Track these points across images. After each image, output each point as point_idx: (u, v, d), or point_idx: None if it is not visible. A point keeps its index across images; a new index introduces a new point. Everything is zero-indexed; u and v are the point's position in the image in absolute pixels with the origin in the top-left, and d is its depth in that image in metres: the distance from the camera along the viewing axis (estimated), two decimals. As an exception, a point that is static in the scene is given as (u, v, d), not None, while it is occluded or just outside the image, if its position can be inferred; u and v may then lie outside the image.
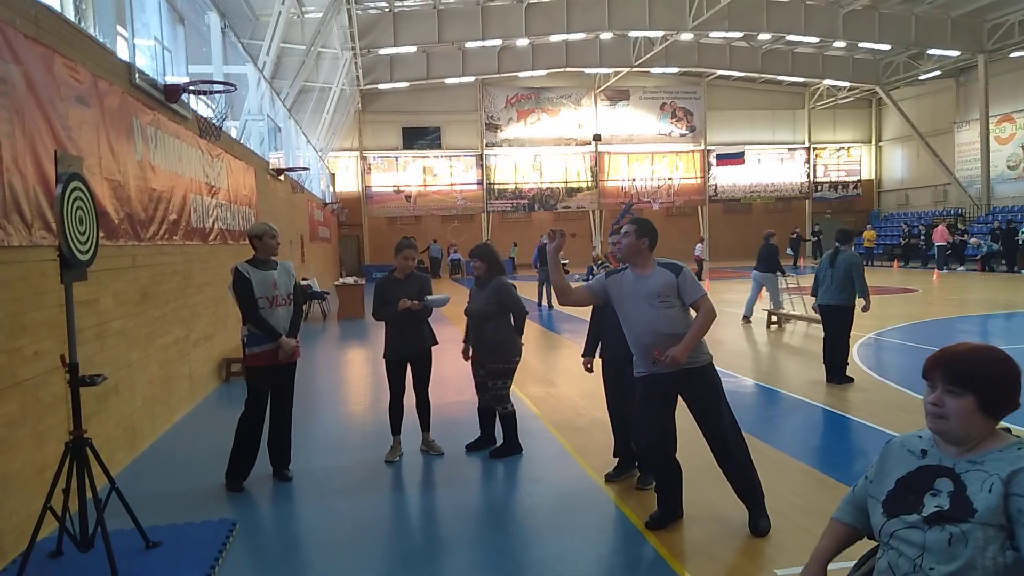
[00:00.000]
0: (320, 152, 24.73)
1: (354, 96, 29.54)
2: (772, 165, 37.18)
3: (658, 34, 27.22)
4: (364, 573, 3.69)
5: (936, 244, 25.03)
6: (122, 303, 5.62)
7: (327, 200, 26.13)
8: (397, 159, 34.13)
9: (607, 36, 28.93)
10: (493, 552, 3.87)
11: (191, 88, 7.59)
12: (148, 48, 7.45)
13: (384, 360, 5.47)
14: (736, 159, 36.36)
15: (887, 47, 28.73)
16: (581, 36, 28.22)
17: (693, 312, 3.97)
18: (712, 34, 28.02)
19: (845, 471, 4.93)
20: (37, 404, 4.16)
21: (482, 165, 34.70)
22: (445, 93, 33.07)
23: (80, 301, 4.54)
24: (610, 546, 3.98)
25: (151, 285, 6.35)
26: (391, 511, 4.55)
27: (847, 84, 33.60)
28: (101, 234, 4.14)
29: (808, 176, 37.44)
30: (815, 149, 37.45)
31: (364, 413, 7.09)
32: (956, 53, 28.19)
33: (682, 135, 36.32)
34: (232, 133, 11.28)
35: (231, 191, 9.57)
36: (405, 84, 30.43)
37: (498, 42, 27.69)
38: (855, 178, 37.86)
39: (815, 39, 28.03)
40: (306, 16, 17.91)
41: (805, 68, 32.30)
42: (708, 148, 36.39)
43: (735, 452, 3.99)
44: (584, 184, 35.75)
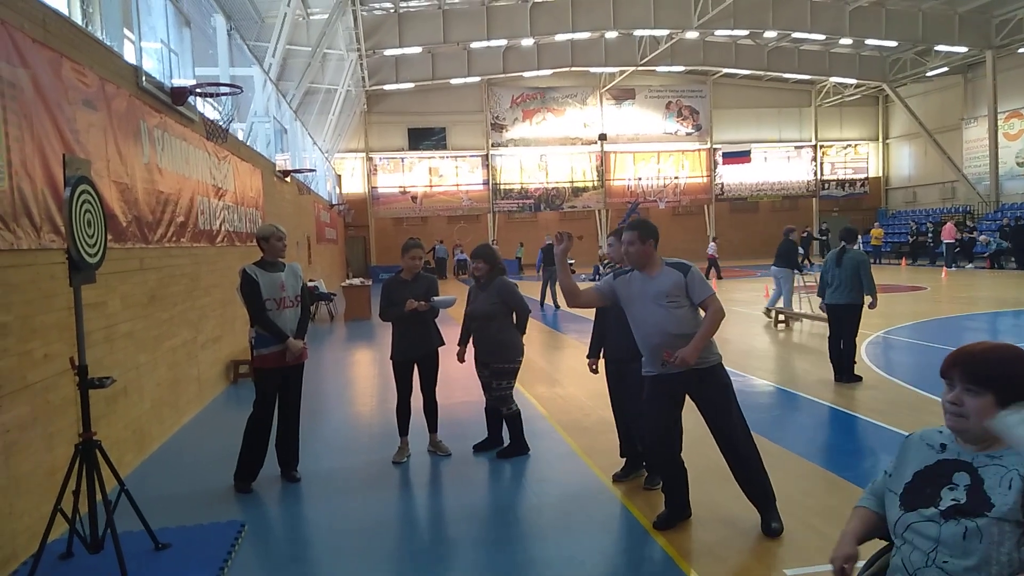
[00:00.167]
0: (326, 153, 24.78)
1: (360, 97, 29.59)
2: (779, 163, 37.07)
3: (663, 33, 27.18)
4: (373, 574, 3.70)
5: (944, 242, 24.88)
6: (130, 305, 5.64)
7: (333, 201, 26.18)
8: (403, 160, 34.19)
9: (612, 35, 28.91)
10: (501, 552, 3.86)
11: (197, 91, 7.62)
12: (155, 51, 7.47)
13: (391, 361, 5.47)
14: (742, 157, 36.26)
15: (894, 44, 28.61)
16: (586, 35, 28.20)
17: (702, 312, 3.95)
18: (718, 32, 27.97)
19: (855, 470, 4.91)
20: (47, 406, 4.19)
21: (488, 165, 34.73)
22: (450, 93, 33.09)
23: (89, 304, 4.56)
24: (618, 546, 3.97)
25: (159, 287, 6.38)
26: (399, 512, 4.56)
27: (854, 81, 33.48)
28: (109, 237, 4.16)
29: (815, 174, 37.32)
30: (822, 147, 37.32)
31: (371, 414, 7.10)
32: (964, 49, 28.06)
33: (688, 134, 36.25)
34: (239, 135, 11.31)
35: (238, 193, 9.60)
36: (410, 85, 30.50)
37: (503, 42, 27.70)
38: (862, 176, 37.72)
39: (821, 36, 27.94)
40: (311, 18, 17.98)
41: (811, 66, 32.21)
42: (714, 147, 36.32)
43: (745, 453, 3.96)
44: (590, 184, 35.74)
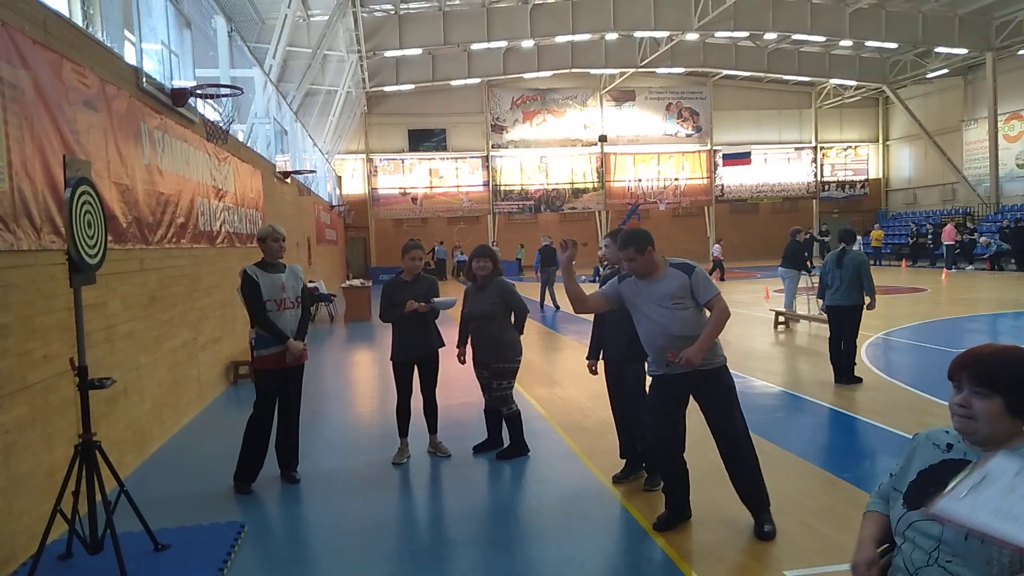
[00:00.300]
0: (326, 155, 24.79)
1: (360, 99, 29.60)
2: (779, 165, 37.08)
3: (664, 34, 27.18)
4: (372, 574, 3.70)
5: (944, 243, 24.88)
6: (130, 306, 5.65)
7: (334, 203, 26.19)
8: (403, 161, 34.19)
9: (612, 37, 28.91)
10: (500, 553, 3.86)
11: (198, 92, 7.63)
12: (155, 52, 7.48)
13: (391, 362, 5.48)
14: (742, 159, 36.25)
15: (894, 45, 28.62)
16: (586, 37, 28.19)
17: (707, 312, 3.94)
18: (718, 34, 27.99)
19: (854, 471, 4.89)
20: (47, 407, 4.19)
21: (488, 167, 34.74)
22: (451, 95, 33.09)
23: (89, 304, 4.56)
24: (617, 547, 3.97)
25: (159, 288, 6.38)
26: (399, 513, 4.56)
27: (854, 83, 33.49)
28: (109, 238, 4.16)
29: (815, 176, 37.32)
30: (822, 148, 37.32)
31: (371, 415, 7.10)
32: (964, 51, 28.08)
33: (688, 135, 36.26)
34: (239, 136, 11.32)
35: (238, 194, 9.60)
36: (411, 86, 30.50)
37: (503, 44, 27.71)
38: (862, 177, 37.72)
39: (821, 38, 27.95)
40: (312, 19, 17.99)
41: (811, 67, 32.21)
42: (714, 148, 36.33)
43: (745, 456, 3.95)
44: (590, 185, 35.74)
